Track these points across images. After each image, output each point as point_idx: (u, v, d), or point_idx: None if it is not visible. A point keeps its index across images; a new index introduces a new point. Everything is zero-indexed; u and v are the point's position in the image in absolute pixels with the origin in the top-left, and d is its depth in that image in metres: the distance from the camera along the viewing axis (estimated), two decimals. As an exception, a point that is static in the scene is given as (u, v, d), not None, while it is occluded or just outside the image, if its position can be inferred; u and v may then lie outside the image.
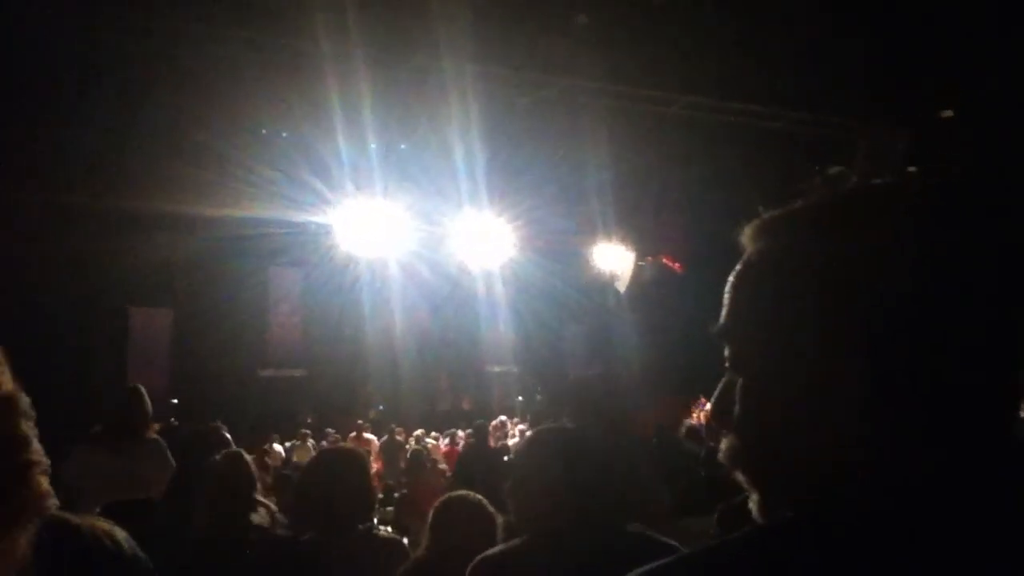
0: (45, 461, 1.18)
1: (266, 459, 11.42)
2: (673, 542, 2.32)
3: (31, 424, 1.20)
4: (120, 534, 1.58)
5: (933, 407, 0.74)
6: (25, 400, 1.20)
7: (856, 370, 0.76)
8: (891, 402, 0.75)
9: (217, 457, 3.34)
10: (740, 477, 0.86)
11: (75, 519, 1.54)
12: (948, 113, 15.37)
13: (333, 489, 3.10)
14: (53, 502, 1.17)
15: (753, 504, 0.84)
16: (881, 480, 0.74)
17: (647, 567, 0.77)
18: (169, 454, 5.21)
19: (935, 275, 0.74)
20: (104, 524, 1.60)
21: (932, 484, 0.72)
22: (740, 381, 0.86)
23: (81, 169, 15.55)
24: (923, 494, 0.72)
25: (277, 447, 14.30)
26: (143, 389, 5.36)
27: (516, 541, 2.36)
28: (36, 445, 1.18)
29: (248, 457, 3.39)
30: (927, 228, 0.77)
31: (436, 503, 3.12)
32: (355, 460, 3.36)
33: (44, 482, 1.17)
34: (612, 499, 2.38)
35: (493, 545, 2.66)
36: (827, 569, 0.70)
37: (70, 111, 14.55)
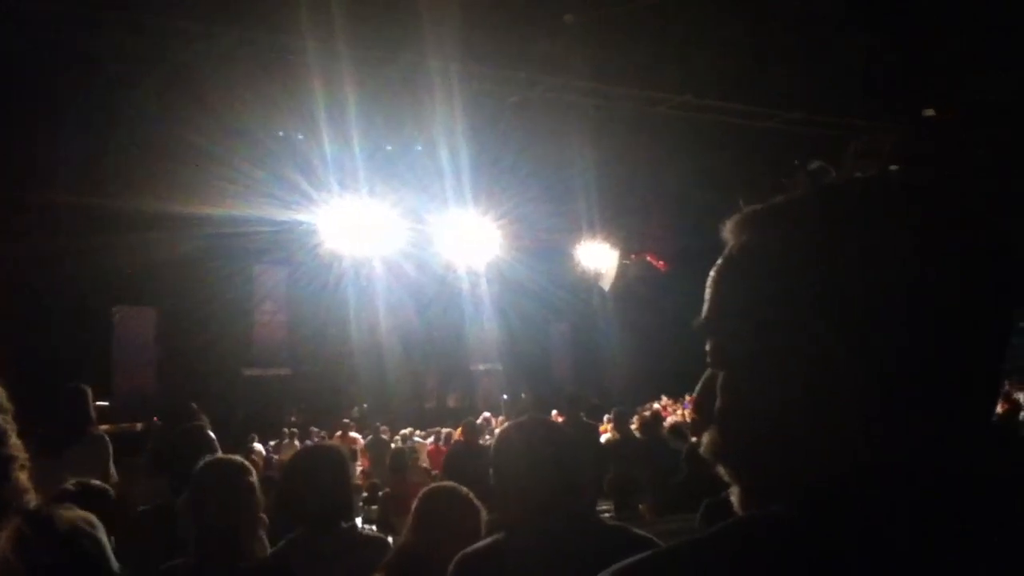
0: (23, 456, 1.17)
1: (252, 457, 11.34)
2: (652, 536, 2.33)
3: (8, 418, 1.18)
4: (99, 527, 1.57)
5: (924, 401, 0.73)
6: (2, 394, 1.18)
7: (844, 364, 0.76)
8: (880, 396, 0.74)
9: (209, 467, 3.15)
10: (722, 471, 0.85)
11: (58, 512, 1.53)
12: (930, 112, 15.44)
13: (312, 488, 3.08)
14: (31, 497, 1.16)
15: (734, 498, 0.84)
16: (871, 474, 0.73)
17: (632, 559, 0.77)
18: (109, 450, 5.15)
19: (923, 268, 0.74)
20: (84, 515, 1.59)
21: (925, 479, 0.72)
22: (721, 375, 0.86)
23: (65, 168, 15.46)
24: (917, 490, 0.71)
25: (258, 447, 14.17)
26: (86, 389, 5.28)
27: (497, 536, 2.35)
28: (14, 440, 1.16)
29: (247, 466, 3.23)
30: (914, 221, 0.77)
31: (420, 493, 3.10)
32: (333, 458, 3.34)
33: (23, 477, 1.16)
34: (585, 492, 2.45)
35: (478, 536, 2.65)
36: (822, 561, 0.70)
37: (54, 110, 14.46)
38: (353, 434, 15.02)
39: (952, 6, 12.44)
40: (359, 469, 12.92)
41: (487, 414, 16.68)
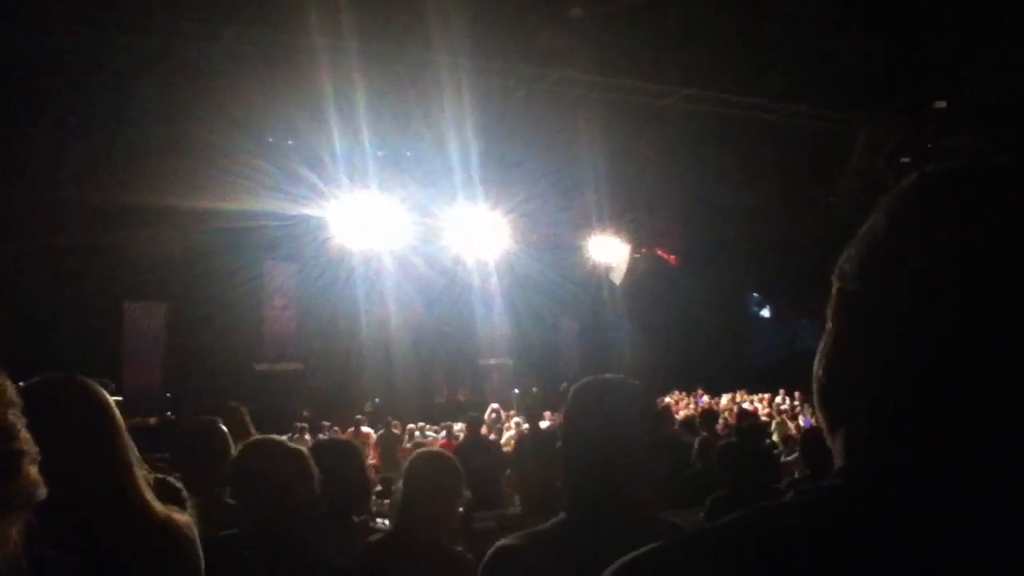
0: (34, 450, 1.17)
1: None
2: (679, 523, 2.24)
3: (18, 412, 1.18)
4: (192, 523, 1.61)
5: (927, 400, 0.73)
6: (11, 388, 1.18)
7: (852, 359, 0.77)
8: (884, 394, 0.75)
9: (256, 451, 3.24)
10: None
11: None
12: (941, 104, 15.41)
13: (329, 480, 3.09)
14: (42, 492, 1.15)
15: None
16: (874, 473, 0.74)
17: (645, 549, 0.77)
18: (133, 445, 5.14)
19: (928, 267, 0.74)
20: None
21: (927, 479, 0.71)
22: None
23: (75, 163, 15.53)
24: (918, 490, 0.71)
25: None
26: (108, 384, 5.25)
27: (544, 526, 2.09)
28: (25, 434, 1.16)
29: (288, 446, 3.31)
30: (918, 219, 0.77)
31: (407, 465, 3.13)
32: (350, 451, 3.37)
33: (33, 471, 1.15)
34: (642, 477, 2.12)
35: (458, 495, 2.78)
36: (822, 559, 0.70)
37: (65, 106, 14.53)
38: (366, 429, 15.03)
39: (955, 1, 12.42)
40: (371, 463, 12.92)
41: (495, 405, 16.67)
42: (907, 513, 0.70)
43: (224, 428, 3.88)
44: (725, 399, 18.14)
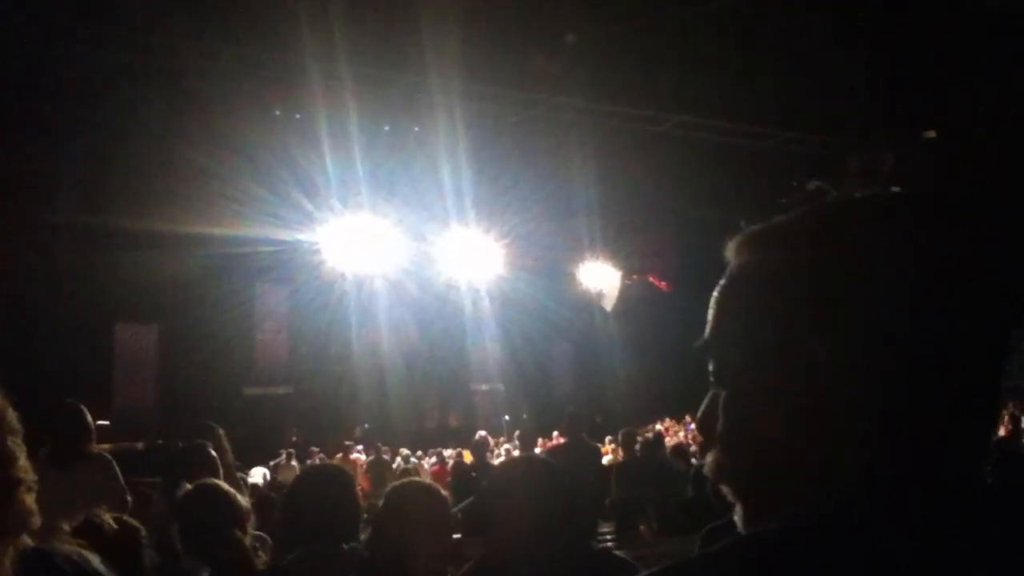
0: (31, 478, 1.17)
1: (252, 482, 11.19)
2: (626, 557, 2.54)
3: (18, 440, 1.18)
4: (94, 559, 1.58)
5: (917, 418, 0.73)
6: (12, 415, 1.18)
7: (837, 382, 0.75)
8: (873, 414, 0.74)
9: (186, 491, 3.19)
10: (725, 490, 0.85)
11: (54, 546, 1.53)
12: (931, 134, 15.49)
13: (319, 507, 3.07)
14: (36, 520, 1.15)
15: (737, 517, 0.84)
16: (866, 491, 0.73)
17: (650, 572, 0.76)
18: (117, 470, 5.13)
19: (918, 285, 0.75)
20: (80, 548, 1.60)
21: (919, 496, 0.72)
22: (723, 395, 0.86)
23: (68, 186, 15.50)
24: (912, 506, 0.71)
25: (257, 471, 13.57)
26: (83, 407, 5.27)
27: (491, 555, 2.45)
28: (23, 462, 1.16)
29: (224, 486, 3.23)
30: (910, 239, 0.77)
31: (387, 491, 3.11)
32: (341, 477, 3.34)
33: (29, 500, 1.15)
34: (582, 519, 2.60)
35: (447, 524, 2.91)
36: None
37: (57, 129, 14.51)
38: (355, 455, 14.92)
39: (949, 24, 12.49)
40: (359, 490, 12.72)
41: (483, 433, 16.60)
42: (913, 527, 0.70)
43: (213, 453, 3.86)
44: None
